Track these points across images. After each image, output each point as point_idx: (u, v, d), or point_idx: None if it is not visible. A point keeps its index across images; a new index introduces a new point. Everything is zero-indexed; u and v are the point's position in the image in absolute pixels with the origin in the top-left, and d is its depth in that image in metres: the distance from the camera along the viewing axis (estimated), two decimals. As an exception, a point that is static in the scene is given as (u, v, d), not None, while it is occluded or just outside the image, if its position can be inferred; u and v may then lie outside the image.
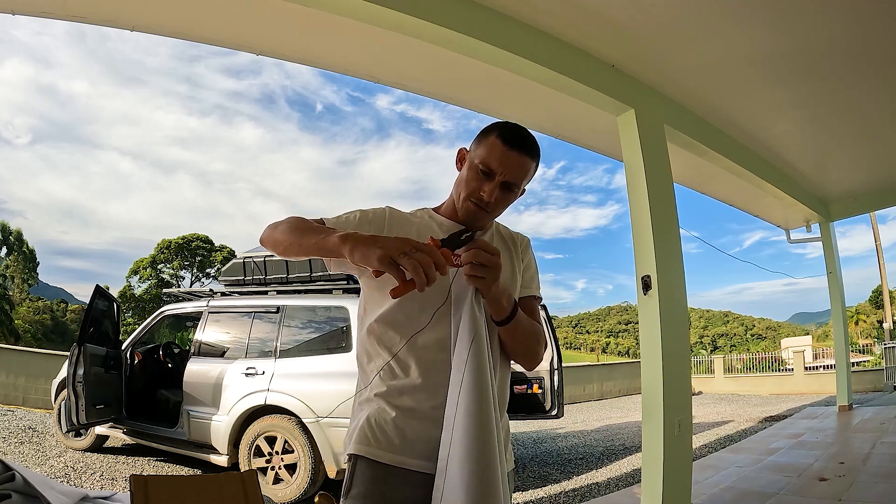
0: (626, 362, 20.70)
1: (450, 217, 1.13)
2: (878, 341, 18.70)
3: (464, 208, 1.08)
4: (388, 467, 0.96)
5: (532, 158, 1.06)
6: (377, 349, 1.04)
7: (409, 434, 0.98)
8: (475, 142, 1.09)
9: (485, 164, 1.04)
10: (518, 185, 1.07)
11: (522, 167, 1.05)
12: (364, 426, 1.00)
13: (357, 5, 2.28)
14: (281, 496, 3.71)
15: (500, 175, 1.04)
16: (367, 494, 0.96)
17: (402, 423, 0.98)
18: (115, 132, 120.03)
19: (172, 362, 5.64)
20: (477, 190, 1.05)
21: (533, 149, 1.06)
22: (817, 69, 3.35)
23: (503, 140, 1.04)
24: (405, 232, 1.06)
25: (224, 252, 35.13)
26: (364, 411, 1.02)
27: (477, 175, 1.06)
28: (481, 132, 1.10)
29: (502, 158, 1.03)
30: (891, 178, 5.60)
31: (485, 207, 1.06)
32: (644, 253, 3.10)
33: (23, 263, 34.03)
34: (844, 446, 4.86)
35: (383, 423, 0.99)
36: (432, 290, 0.94)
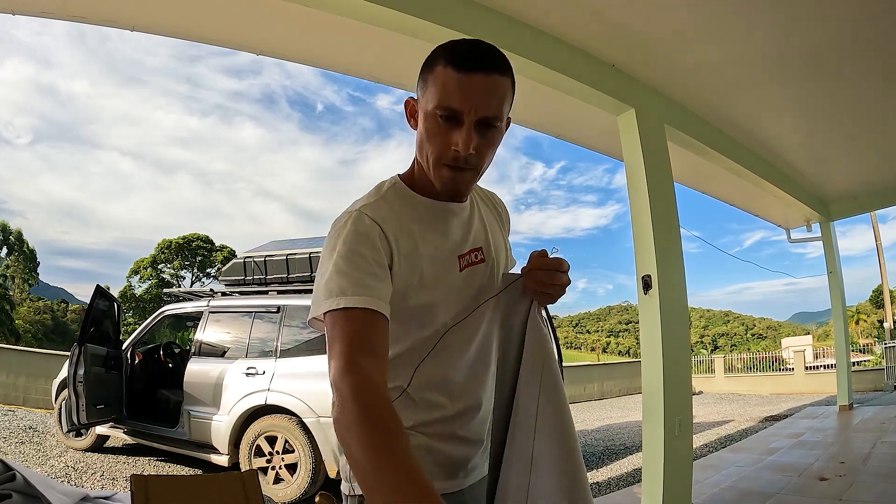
0: (626, 362, 20.70)
1: (426, 193, 0.87)
2: (879, 341, 18.70)
3: (439, 178, 0.82)
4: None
5: (501, 73, 0.78)
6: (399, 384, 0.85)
7: (436, 458, 0.87)
8: (420, 82, 0.82)
9: (444, 108, 0.77)
10: (499, 118, 0.79)
11: (494, 91, 0.78)
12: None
13: (357, 5, 2.28)
14: (281, 496, 3.71)
15: (470, 113, 0.76)
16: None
17: (431, 449, 0.86)
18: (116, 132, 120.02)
19: (173, 362, 5.65)
20: (446, 146, 0.78)
21: (497, 61, 0.78)
22: (817, 69, 3.35)
23: (457, 66, 0.76)
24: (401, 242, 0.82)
25: (224, 252, 35.13)
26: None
27: (438, 126, 0.78)
28: (423, 67, 0.81)
29: (463, 89, 0.76)
30: (891, 177, 5.60)
31: (465, 165, 0.79)
32: (644, 252, 3.10)
33: (23, 263, 34.05)
34: (845, 446, 4.86)
35: (430, 452, 0.86)
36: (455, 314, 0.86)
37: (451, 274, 0.86)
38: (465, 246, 0.89)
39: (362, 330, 0.72)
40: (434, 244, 0.85)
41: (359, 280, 0.74)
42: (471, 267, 0.89)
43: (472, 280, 0.89)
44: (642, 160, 3.16)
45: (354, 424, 0.63)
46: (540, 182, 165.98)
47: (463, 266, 0.88)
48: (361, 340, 0.71)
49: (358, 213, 0.81)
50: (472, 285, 0.89)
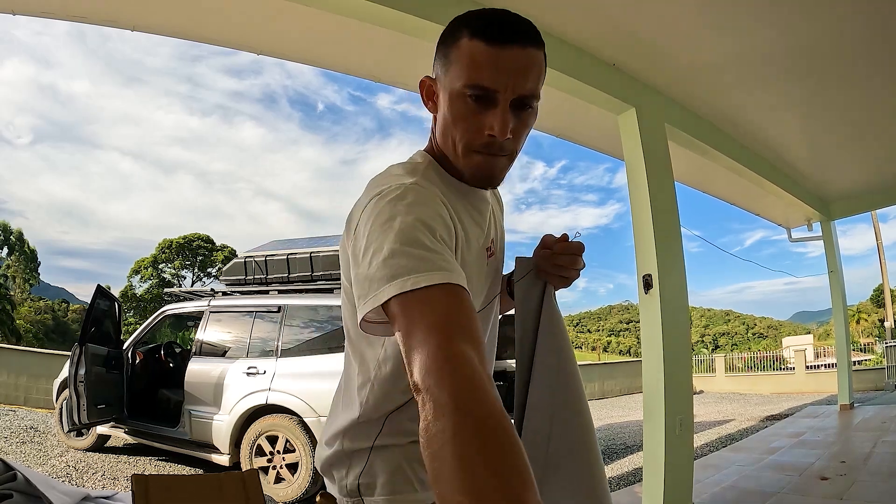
0: (627, 361, 20.68)
1: (457, 176, 0.76)
2: (880, 340, 18.68)
3: (470, 166, 0.72)
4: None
5: (537, 46, 0.70)
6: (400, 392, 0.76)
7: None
8: (440, 58, 0.73)
9: (474, 85, 0.67)
10: (536, 96, 0.70)
11: (531, 66, 0.68)
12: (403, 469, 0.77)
13: (357, 5, 2.28)
14: (282, 495, 3.72)
15: (504, 91, 0.67)
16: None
17: None
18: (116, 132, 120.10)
19: (174, 362, 5.65)
20: (478, 130, 0.69)
21: (532, 32, 0.71)
22: (818, 68, 3.34)
23: (486, 38, 0.67)
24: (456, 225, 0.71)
25: (225, 252, 35.14)
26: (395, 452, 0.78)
27: (466, 106, 0.68)
28: (443, 39, 0.74)
29: (497, 65, 0.66)
30: (892, 176, 5.59)
31: (500, 151, 0.70)
32: (645, 252, 3.10)
33: (24, 263, 34.07)
34: (845, 445, 4.86)
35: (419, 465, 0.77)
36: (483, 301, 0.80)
37: (482, 265, 0.79)
38: (489, 238, 0.82)
39: (453, 311, 0.54)
40: (474, 232, 0.76)
41: (436, 254, 0.58)
42: (491, 257, 0.82)
43: (489, 271, 0.82)
44: (643, 159, 3.16)
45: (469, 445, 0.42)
46: (541, 181, 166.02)
47: (489, 255, 0.82)
48: (454, 324, 0.53)
49: (420, 184, 0.68)
50: (488, 276, 0.83)
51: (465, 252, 0.72)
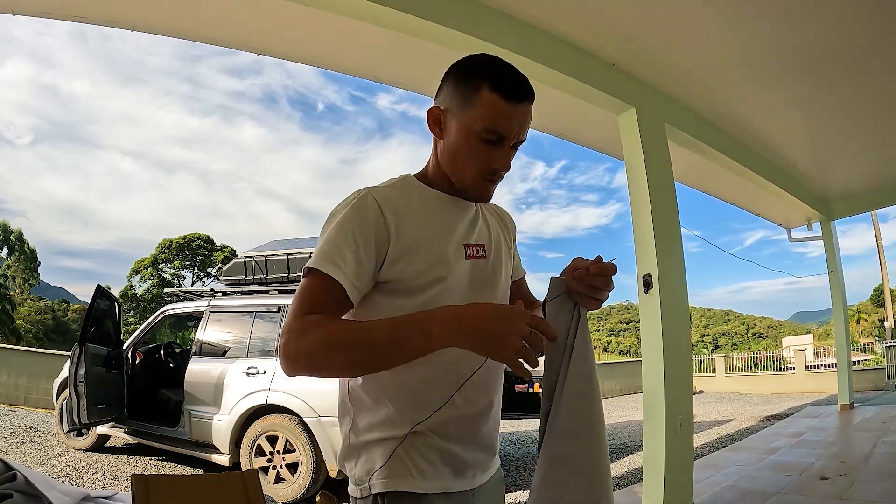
0: (627, 361, 20.69)
1: (441, 187, 0.92)
2: (880, 340, 18.68)
3: (477, 188, 0.89)
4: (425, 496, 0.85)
5: (532, 101, 0.88)
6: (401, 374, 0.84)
7: (443, 457, 0.87)
8: (457, 96, 0.86)
9: (489, 130, 0.84)
10: (525, 137, 0.89)
11: (529, 117, 0.88)
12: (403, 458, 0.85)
13: (357, 5, 2.28)
14: (282, 496, 3.72)
15: (512, 136, 0.85)
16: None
17: (439, 448, 0.87)
18: (117, 132, 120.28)
19: (174, 362, 5.65)
20: (487, 161, 0.86)
21: (532, 93, 0.87)
22: (818, 68, 3.34)
23: (507, 96, 0.83)
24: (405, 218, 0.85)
25: (225, 252, 35.13)
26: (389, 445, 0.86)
27: (480, 145, 0.85)
28: (460, 80, 0.87)
29: (510, 117, 0.84)
30: (892, 176, 5.59)
31: (499, 179, 0.90)
32: (645, 252, 3.10)
33: (24, 263, 34.06)
34: (846, 445, 4.86)
35: (422, 451, 0.86)
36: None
37: (459, 259, 0.89)
38: (470, 237, 0.92)
39: (318, 293, 0.80)
40: (442, 226, 0.89)
41: (338, 252, 0.80)
42: (475, 259, 0.91)
43: (475, 273, 0.91)
44: (643, 159, 3.16)
45: (326, 334, 0.74)
46: (541, 181, 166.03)
47: (468, 255, 0.90)
48: (314, 301, 0.79)
49: (365, 193, 0.86)
50: (476, 279, 0.91)
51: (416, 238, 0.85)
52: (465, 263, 0.89)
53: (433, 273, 0.85)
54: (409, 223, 0.85)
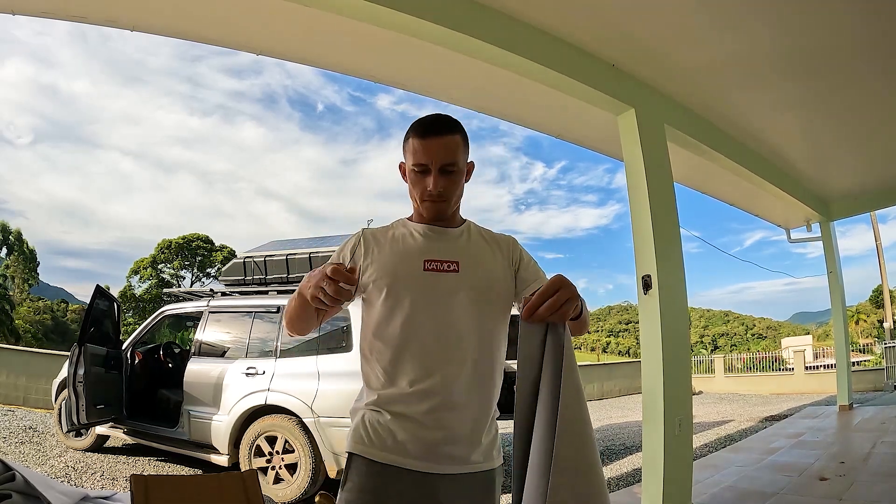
0: (626, 362, 20.68)
1: (420, 220, 1.20)
2: (879, 341, 18.69)
3: (425, 208, 1.16)
4: (383, 465, 1.04)
5: (450, 134, 1.11)
6: (371, 360, 1.12)
7: (400, 436, 1.05)
8: (403, 151, 1.17)
9: (416, 164, 1.11)
10: (455, 164, 1.11)
11: (447, 146, 1.11)
12: (359, 427, 1.09)
13: (357, 5, 2.29)
14: (281, 496, 3.71)
15: (433, 164, 1.10)
16: (362, 488, 1.05)
17: (395, 427, 1.05)
18: (117, 132, 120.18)
19: (173, 362, 5.64)
20: (423, 188, 1.12)
21: (445, 126, 1.12)
22: (818, 69, 3.35)
23: (418, 135, 1.11)
24: (383, 242, 1.15)
25: (224, 252, 35.08)
26: (359, 414, 1.11)
27: (416, 177, 1.13)
28: (403, 141, 1.17)
29: (424, 150, 1.10)
30: (891, 177, 5.60)
31: (438, 199, 1.13)
32: (644, 252, 3.10)
33: (23, 263, 34.00)
34: (845, 446, 4.86)
35: (377, 426, 1.07)
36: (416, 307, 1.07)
37: (414, 268, 1.11)
38: (436, 255, 1.13)
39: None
40: (407, 246, 1.14)
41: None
42: (437, 272, 1.11)
43: (436, 282, 1.10)
44: (642, 160, 3.16)
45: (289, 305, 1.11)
46: (540, 182, 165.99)
47: (427, 268, 1.11)
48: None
49: (361, 232, 1.20)
50: (438, 287, 1.10)
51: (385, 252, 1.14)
52: (418, 272, 1.10)
53: (381, 275, 1.11)
54: (380, 247, 1.15)
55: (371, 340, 1.12)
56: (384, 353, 1.09)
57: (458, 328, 1.08)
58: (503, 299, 1.15)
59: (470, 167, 1.19)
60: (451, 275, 1.11)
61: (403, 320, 1.07)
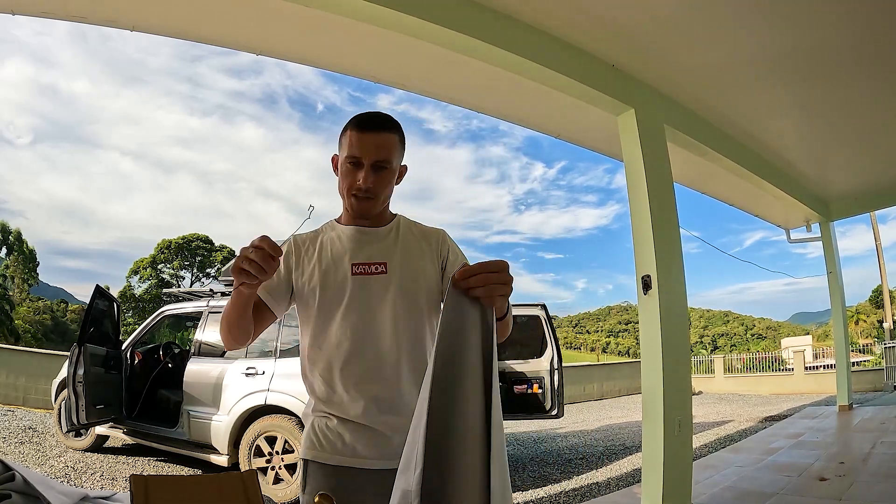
0: (626, 362, 20.69)
1: (348, 221, 1.18)
2: (879, 341, 18.70)
3: (349, 204, 1.13)
4: (336, 467, 1.07)
5: (389, 132, 1.10)
6: (310, 368, 1.13)
7: (348, 438, 1.08)
8: (338, 143, 1.15)
9: (350, 156, 1.09)
10: (389, 162, 1.10)
11: (383, 144, 1.09)
12: (310, 433, 1.12)
13: (357, 5, 2.29)
14: (281, 496, 3.71)
15: (366, 158, 1.08)
16: (319, 490, 1.05)
17: (342, 430, 1.08)
18: (117, 132, 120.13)
19: (173, 362, 5.64)
20: (353, 182, 1.10)
21: (386, 124, 1.10)
22: (817, 69, 3.35)
23: (357, 128, 1.09)
24: (308, 254, 1.15)
25: (224, 252, 35.08)
26: (309, 421, 1.14)
27: (348, 169, 1.10)
28: (340, 134, 1.15)
29: (361, 143, 1.08)
30: (891, 177, 5.60)
31: (366, 195, 1.10)
32: (644, 253, 3.10)
33: (23, 263, 33.99)
34: (844, 446, 4.86)
35: (326, 430, 1.10)
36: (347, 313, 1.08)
37: (340, 272, 1.12)
38: (363, 258, 1.13)
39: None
40: (335, 252, 1.14)
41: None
42: (365, 275, 1.11)
43: (365, 284, 1.11)
44: (642, 160, 3.16)
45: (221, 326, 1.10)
46: (540, 182, 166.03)
47: (355, 272, 1.11)
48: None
49: (292, 237, 1.20)
50: (367, 290, 1.10)
51: (314, 259, 1.15)
52: (345, 277, 1.11)
53: (312, 283, 1.12)
54: (309, 256, 1.15)
55: (308, 349, 1.13)
56: (321, 361, 1.10)
57: (389, 329, 1.09)
58: (432, 297, 1.14)
59: (402, 170, 1.18)
60: (379, 276, 1.12)
61: (336, 327, 1.09)
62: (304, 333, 1.15)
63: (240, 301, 1.02)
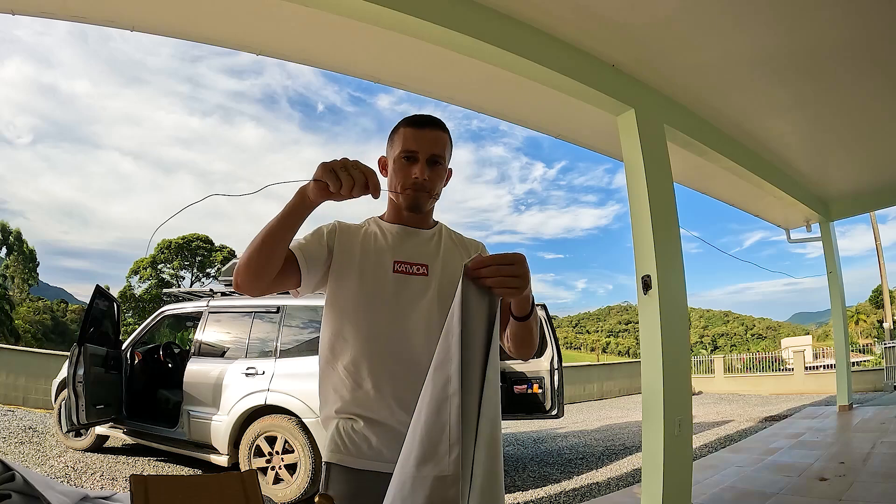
0: (626, 362, 20.69)
1: (393, 220, 1.19)
2: (879, 341, 18.70)
3: (405, 198, 1.13)
4: (359, 471, 1.04)
5: (443, 131, 1.14)
6: (334, 361, 1.11)
7: (375, 441, 1.04)
8: (388, 144, 1.17)
9: (406, 151, 1.11)
10: (442, 157, 1.13)
11: (438, 140, 1.12)
12: (335, 436, 1.08)
13: (357, 5, 2.28)
14: (281, 496, 3.71)
15: (423, 152, 1.10)
16: (341, 495, 1.04)
17: (368, 433, 1.05)
18: (117, 132, 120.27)
19: (172, 362, 5.64)
20: (409, 176, 1.11)
21: (440, 124, 1.14)
22: (817, 69, 3.35)
23: (413, 125, 1.13)
24: (353, 240, 1.13)
25: (224, 252, 35.10)
26: (333, 423, 1.10)
27: (402, 164, 1.12)
28: (389, 135, 1.18)
29: (417, 138, 1.11)
30: (891, 177, 5.60)
31: (422, 188, 1.12)
32: (644, 253, 3.09)
33: (23, 263, 34.01)
34: (844, 446, 4.86)
35: (351, 433, 1.06)
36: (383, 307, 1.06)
37: (381, 268, 1.10)
38: (406, 257, 1.12)
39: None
40: (378, 245, 1.13)
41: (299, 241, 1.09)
42: (405, 274, 1.10)
43: (405, 284, 1.10)
44: (642, 160, 3.16)
45: (247, 249, 0.99)
46: (540, 182, 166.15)
47: (396, 269, 1.10)
48: None
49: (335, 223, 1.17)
50: (406, 290, 1.09)
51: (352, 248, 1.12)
52: (386, 274, 1.10)
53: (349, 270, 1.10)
54: (352, 243, 1.12)
55: (332, 338, 1.10)
56: (346, 353, 1.07)
57: (423, 331, 1.06)
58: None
59: (449, 173, 1.19)
60: (419, 277, 1.11)
61: (368, 320, 1.06)
62: (329, 323, 1.11)
63: (297, 208, 0.95)
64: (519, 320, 1.03)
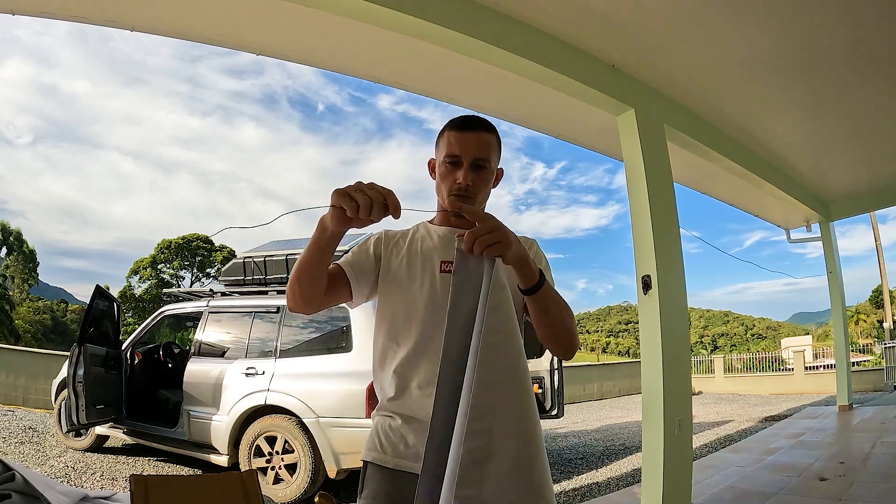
0: (626, 362, 20.69)
1: (442, 223, 1.19)
2: (879, 341, 18.70)
3: (449, 203, 1.12)
4: (395, 471, 1.03)
5: (488, 132, 1.11)
6: (383, 363, 1.11)
7: (412, 440, 1.03)
8: (435, 147, 1.17)
9: (449, 156, 1.10)
10: (488, 161, 1.10)
11: (483, 142, 1.10)
12: (373, 435, 1.09)
13: (357, 5, 2.29)
14: (281, 496, 3.71)
15: (466, 157, 1.09)
16: (375, 495, 1.05)
17: (406, 431, 1.04)
18: (117, 132, 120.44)
19: (172, 362, 5.65)
20: (453, 181, 1.10)
21: (484, 124, 1.12)
22: (817, 69, 3.35)
23: (456, 128, 1.11)
24: (402, 243, 1.15)
25: (224, 252, 35.07)
26: (374, 421, 1.12)
27: (447, 169, 1.11)
28: (437, 138, 1.18)
29: (460, 142, 1.09)
30: (891, 177, 5.60)
31: (466, 193, 1.10)
32: (644, 253, 3.10)
33: (23, 263, 34.01)
34: (845, 446, 4.86)
35: (389, 431, 1.06)
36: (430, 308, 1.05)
37: (429, 267, 1.11)
38: (452, 256, 1.07)
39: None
40: (425, 247, 1.14)
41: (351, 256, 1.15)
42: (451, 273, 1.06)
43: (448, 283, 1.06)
44: (642, 160, 3.16)
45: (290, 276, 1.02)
46: (540, 182, 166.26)
47: (444, 269, 1.10)
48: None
49: (381, 232, 1.20)
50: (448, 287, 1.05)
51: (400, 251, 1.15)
52: (437, 275, 1.10)
53: (399, 273, 1.12)
54: (398, 247, 1.15)
55: (384, 342, 1.10)
56: (396, 356, 1.07)
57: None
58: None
59: (499, 173, 1.17)
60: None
61: (417, 322, 1.06)
62: (381, 324, 1.12)
63: (321, 239, 0.95)
64: (528, 294, 1.01)
